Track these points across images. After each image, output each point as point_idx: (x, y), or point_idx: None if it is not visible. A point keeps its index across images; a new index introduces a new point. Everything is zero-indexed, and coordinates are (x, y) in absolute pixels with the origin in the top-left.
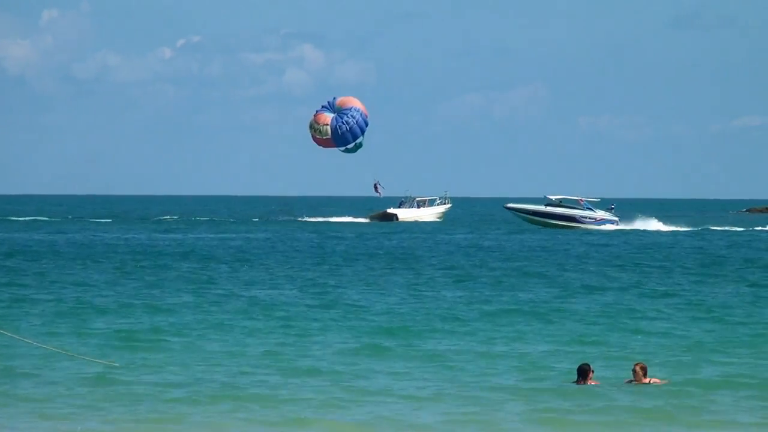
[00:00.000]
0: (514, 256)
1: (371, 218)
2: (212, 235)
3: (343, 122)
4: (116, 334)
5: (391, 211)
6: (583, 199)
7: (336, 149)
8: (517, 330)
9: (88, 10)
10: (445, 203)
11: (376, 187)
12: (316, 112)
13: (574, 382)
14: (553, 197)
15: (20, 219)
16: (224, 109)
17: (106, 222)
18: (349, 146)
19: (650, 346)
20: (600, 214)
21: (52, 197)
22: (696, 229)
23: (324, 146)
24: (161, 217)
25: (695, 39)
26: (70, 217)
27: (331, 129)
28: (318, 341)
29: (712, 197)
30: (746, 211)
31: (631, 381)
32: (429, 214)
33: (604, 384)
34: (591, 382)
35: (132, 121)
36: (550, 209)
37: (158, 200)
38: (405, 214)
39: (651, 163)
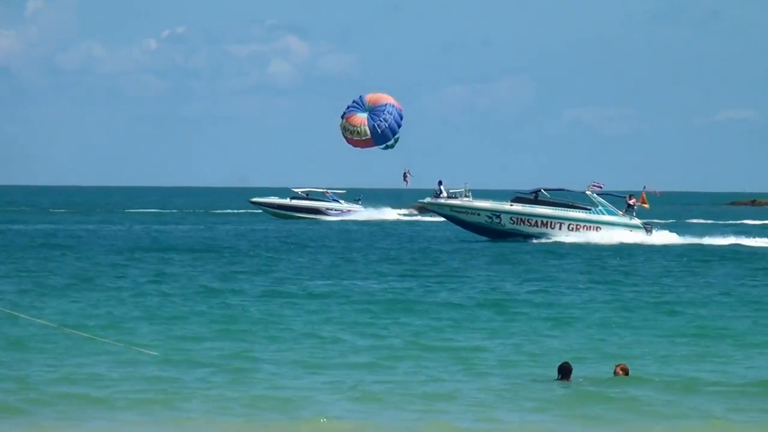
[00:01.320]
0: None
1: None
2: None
3: (381, 120)
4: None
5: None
6: (329, 191)
7: (375, 148)
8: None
9: (73, 0)
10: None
11: (405, 176)
12: (346, 114)
13: (555, 380)
14: (299, 190)
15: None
16: (209, 100)
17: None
18: (389, 143)
19: None
20: (346, 205)
21: (36, 188)
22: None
23: (361, 147)
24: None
25: (680, 32)
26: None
27: (370, 129)
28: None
29: (697, 190)
30: (730, 204)
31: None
32: None
33: (585, 383)
34: (570, 381)
35: (116, 112)
36: (295, 202)
37: (143, 191)
38: None
39: (635, 156)
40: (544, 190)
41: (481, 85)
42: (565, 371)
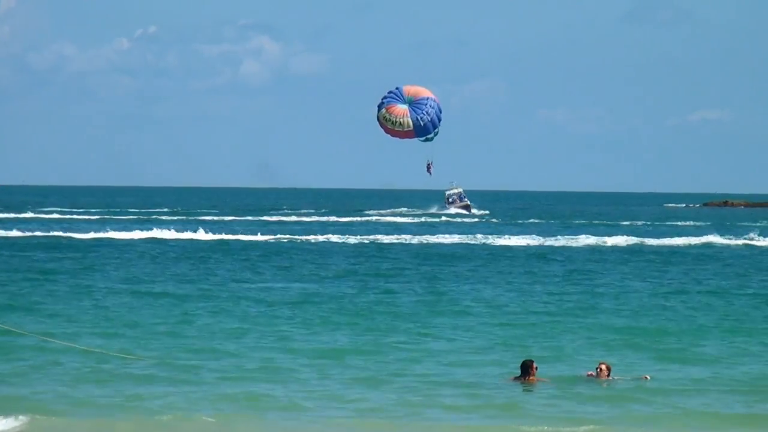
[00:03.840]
0: None
1: (457, 208)
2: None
3: (424, 113)
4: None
5: (468, 203)
6: None
7: (415, 140)
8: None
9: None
10: (463, 196)
11: (428, 167)
12: (386, 104)
13: (515, 378)
14: None
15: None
16: (180, 100)
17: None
18: (429, 136)
19: None
20: None
21: (11, 188)
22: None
23: (401, 137)
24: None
25: (652, 33)
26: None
27: (413, 122)
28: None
29: (670, 191)
30: (703, 204)
31: (591, 375)
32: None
33: (553, 380)
34: (534, 379)
35: (88, 111)
36: None
37: (115, 191)
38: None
39: (608, 156)
40: None
41: (454, 86)
42: (525, 369)
